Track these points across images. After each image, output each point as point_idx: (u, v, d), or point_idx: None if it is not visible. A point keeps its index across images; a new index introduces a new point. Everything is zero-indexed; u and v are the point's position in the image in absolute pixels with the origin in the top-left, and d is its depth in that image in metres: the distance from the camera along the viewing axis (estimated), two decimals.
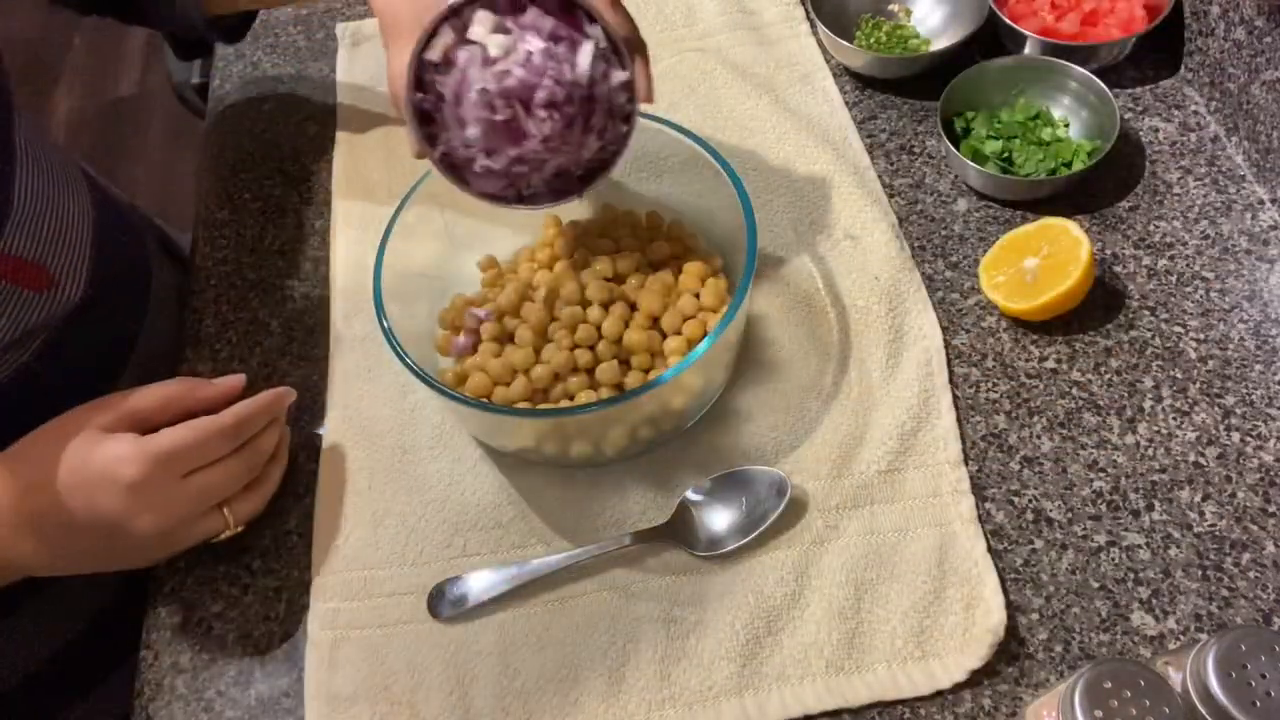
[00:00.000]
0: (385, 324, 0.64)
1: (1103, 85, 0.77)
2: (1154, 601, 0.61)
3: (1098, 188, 0.78)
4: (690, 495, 0.66)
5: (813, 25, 0.91)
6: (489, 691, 0.61)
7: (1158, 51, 0.85)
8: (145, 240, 0.84)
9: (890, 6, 0.91)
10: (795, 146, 0.83)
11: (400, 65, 0.59)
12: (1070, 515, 0.64)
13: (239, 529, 0.65)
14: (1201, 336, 0.70)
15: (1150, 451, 0.66)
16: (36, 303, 0.66)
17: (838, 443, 0.68)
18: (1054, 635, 0.60)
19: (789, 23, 0.92)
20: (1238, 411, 0.67)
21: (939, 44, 0.87)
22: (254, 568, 0.68)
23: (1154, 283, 0.73)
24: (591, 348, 0.67)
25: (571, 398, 0.66)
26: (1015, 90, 0.82)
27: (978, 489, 0.66)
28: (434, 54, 0.58)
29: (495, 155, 0.60)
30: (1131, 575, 0.62)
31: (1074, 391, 0.69)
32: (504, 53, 0.58)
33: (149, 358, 0.78)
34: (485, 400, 0.66)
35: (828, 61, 0.89)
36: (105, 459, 0.58)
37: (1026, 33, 0.82)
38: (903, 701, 0.59)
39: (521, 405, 0.66)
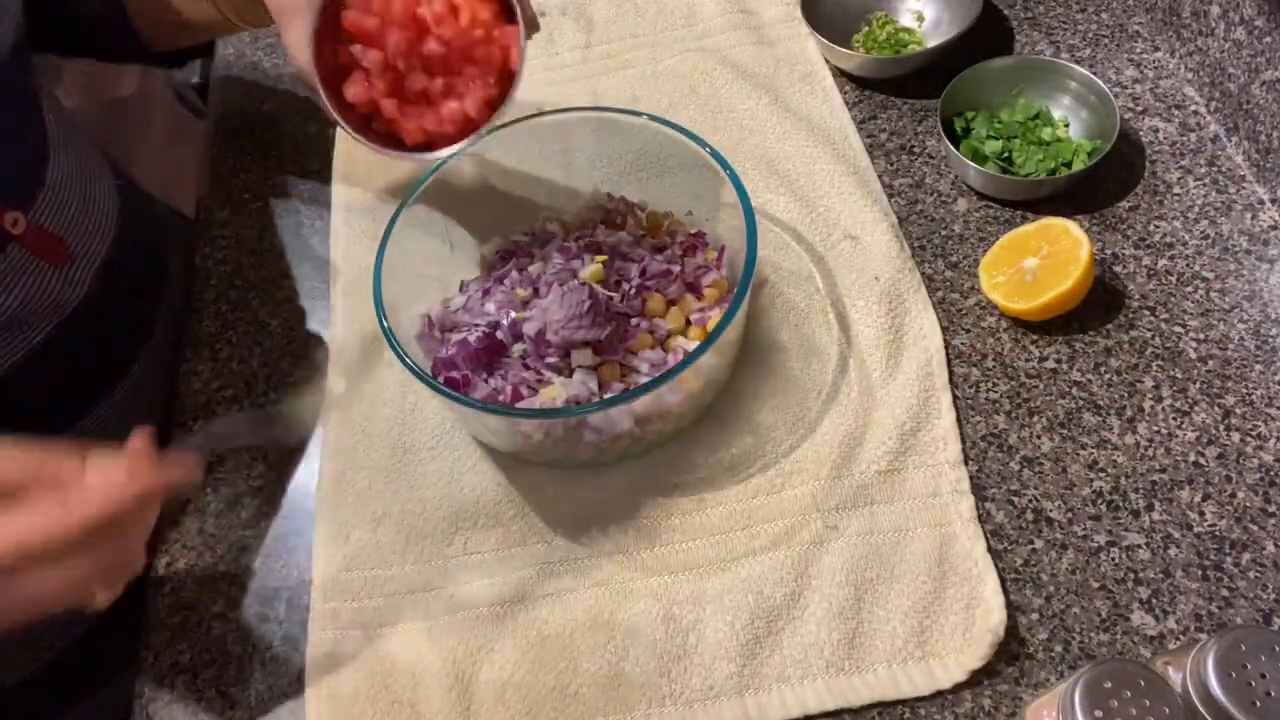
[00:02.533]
0: (385, 324, 0.64)
1: (1103, 85, 0.77)
2: (1154, 601, 0.61)
3: (1098, 188, 0.78)
4: None
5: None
6: (489, 690, 0.61)
7: (1157, 51, 0.85)
8: (168, 235, 0.85)
9: (901, 8, 0.91)
10: (795, 146, 0.83)
11: (296, 38, 0.63)
12: (1070, 515, 0.64)
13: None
14: (1201, 336, 0.70)
15: (1150, 451, 0.66)
16: (53, 277, 0.67)
17: (838, 443, 0.68)
18: (1054, 635, 0.60)
19: (789, 23, 0.92)
20: (1238, 411, 0.67)
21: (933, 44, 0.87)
22: (254, 568, 0.68)
23: (1154, 283, 0.73)
24: None
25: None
26: (1015, 90, 0.82)
27: (978, 489, 0.66)
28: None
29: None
30: (1131, 575, 0.62)
31: (1074, 391, 0.69)
32: None
33: (163, 349, 0.78)
34: (486, 400, 0.66)
35: (828, 62, 0.89)
36: None
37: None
38: (903, 701, 0.59)
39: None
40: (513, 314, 0.68)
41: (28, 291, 0.65)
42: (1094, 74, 0.79)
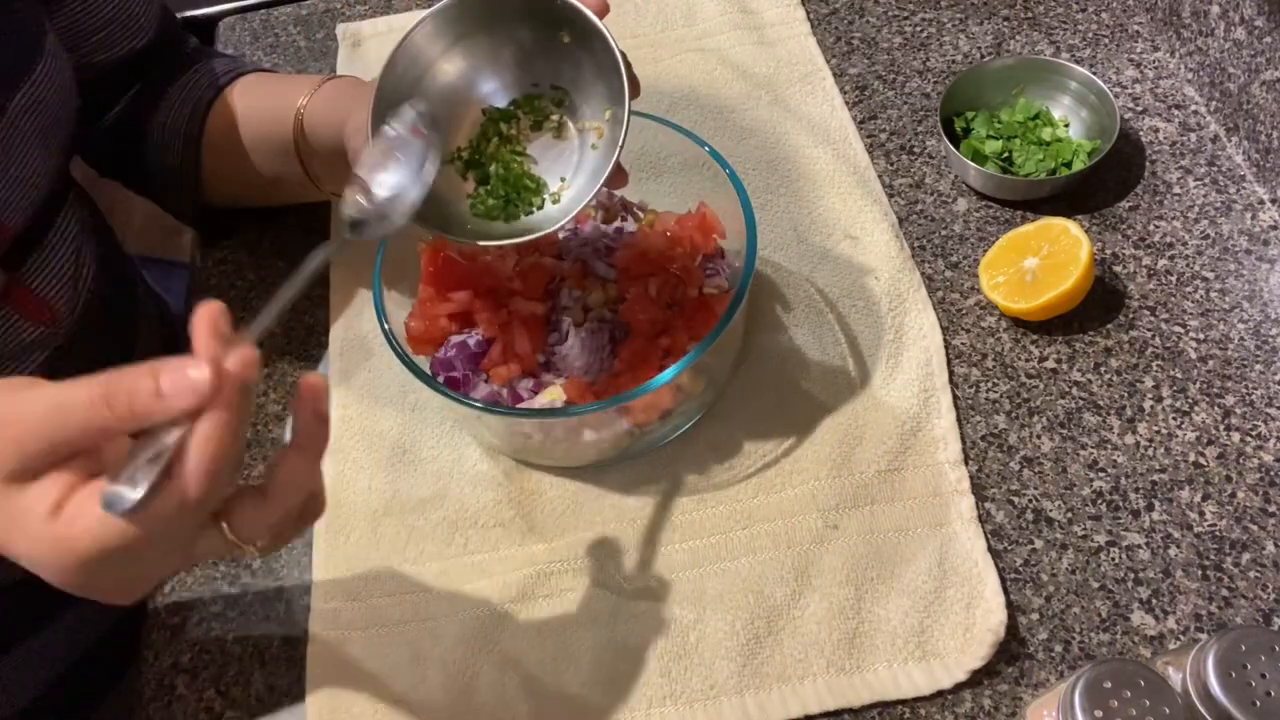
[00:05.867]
0: (385, 325, 0.64)
1: (1103, 85, 0.77)
2: (1154, 601, 0.61)
3: (1098, 188, 0.78)
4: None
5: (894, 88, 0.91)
6: (490, 689, 0.61)
7: (1157, 51, 0.85)
8: (137, 300, 0.83)
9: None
10: (795, 146, 0.83)
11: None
12: (1070, 515, 0.64)
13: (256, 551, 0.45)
14: (1201, 336, 0.70)
15: (1150, 451, 0.66)
16: (31, 332, 0.65)
17: (838, 443, 0.68)
18: (1054, 635, 0.60)
19: (789, 23, 0.92)
20: (1238, 411, 0.67)
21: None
22: (254, 568, 0.68)
23: (1154, 283, 0.73)
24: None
25: None
26: (1015, 90, 0.82)
27: (978, 489, 0.66)
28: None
29: None
30: (1131, 575, 0.62)
31: (1074, 391, 0.69)
32: None
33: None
34: (486, 400, 0.66)
35: (828, 62, 0.89)
36: (19, 545, 0.41)
37: None
38: (903, 701, 0.59)
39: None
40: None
41: (3, 346, 0.64)
42: (1094, 74, 0.79)
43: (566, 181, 0.62)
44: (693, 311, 0.67)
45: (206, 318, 0.41)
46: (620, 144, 0.56)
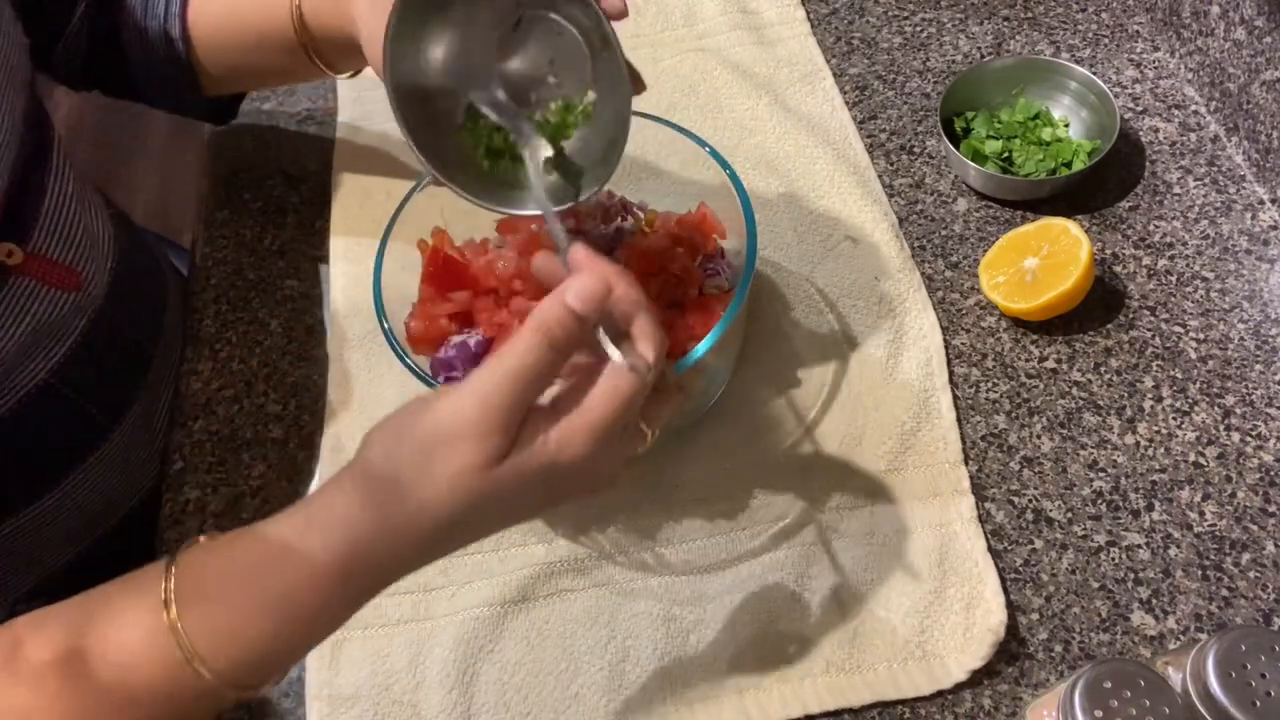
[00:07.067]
0: (385, 325, 0.64)
1: (1103, 85, 0.77)
2: (1154, 601, 0.61)
3: (1098, 188, 0.78)
4: None
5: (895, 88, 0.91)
6: (490, 689, 0.61)
7: (1157, 51, 0.85)
8: (160, 264, 0.84)
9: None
10: (795, 146, 0.83)
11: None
12: (1070, 515, 0.64)
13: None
14: (1201, 336, 0.70)
15: (1150, 451, 0.66)
16: (64, 302, 0.66)
17: (838, 443, 0.68)
18: (1054, 635, 0.60)
19: (789, 23, 0.92)
20: (1238, 411, 0.67)
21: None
22: None
23: (1154, 283, 0.73)
24: None
25: None
26: (1015, 90, 0.82)
27: (978, 489, 0.66)
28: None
29: None
30: (1131, 575, 0.62)
31: (1074, 391, 0.69)
32: None
33: (164, 376, 0.78)
34: None
35: (828, 62, 0.89)
36: (567, 470, 0.46)
37: None
38: (903, 701, 0.59)
39: None
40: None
41: (39, 318, 0.64)
42: (1094, 74, 0.79)
43: (588, 89, 0.57)
44: (693, 311, 0.67)
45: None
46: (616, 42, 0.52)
